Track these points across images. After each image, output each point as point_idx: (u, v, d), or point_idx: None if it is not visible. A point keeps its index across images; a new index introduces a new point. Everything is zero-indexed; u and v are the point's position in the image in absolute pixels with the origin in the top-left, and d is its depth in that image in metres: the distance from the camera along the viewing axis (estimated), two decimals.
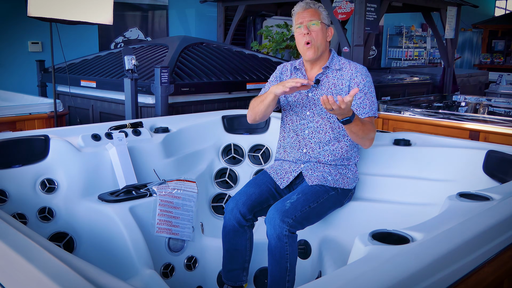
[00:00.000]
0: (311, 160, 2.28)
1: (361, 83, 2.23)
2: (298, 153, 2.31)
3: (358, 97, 2.22)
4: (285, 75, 2.40)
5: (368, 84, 2.25)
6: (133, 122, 2.64)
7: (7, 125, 3.44)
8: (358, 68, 2.27)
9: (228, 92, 4.50)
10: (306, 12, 2.24)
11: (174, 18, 7.36)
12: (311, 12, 2.24)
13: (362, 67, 2.29)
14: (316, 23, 2.21)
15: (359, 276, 1.10)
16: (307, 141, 2.29)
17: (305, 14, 2.24)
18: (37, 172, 2.20)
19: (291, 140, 2.33)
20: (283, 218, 2.02)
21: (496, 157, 2.21)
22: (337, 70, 2.28)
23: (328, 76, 2.29)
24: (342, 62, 2.31)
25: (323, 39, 2.25)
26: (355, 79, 2.24)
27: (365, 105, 2.23)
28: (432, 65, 11.98)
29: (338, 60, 2.31)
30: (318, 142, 2.27)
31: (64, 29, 4.14)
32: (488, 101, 5.41)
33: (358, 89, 2.09)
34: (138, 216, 2.18)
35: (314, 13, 2.24)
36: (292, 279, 2.10)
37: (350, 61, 2.33)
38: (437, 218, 1.50)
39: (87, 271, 1.19)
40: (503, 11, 15.24)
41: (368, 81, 2.26)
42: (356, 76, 2.25)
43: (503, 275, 1.40)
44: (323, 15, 2.25)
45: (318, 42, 2.23)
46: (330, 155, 2.26)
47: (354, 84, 2.23)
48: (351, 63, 2.30)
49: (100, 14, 3.60)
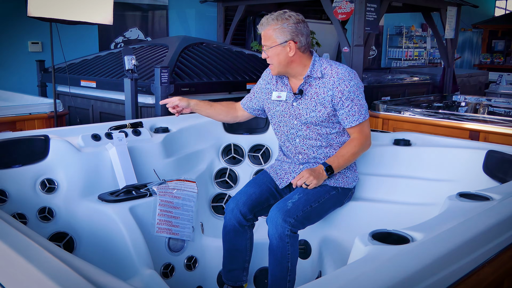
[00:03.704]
0: (309, 161, 2.28)
1: (346, 90, 2.13)
2: (295, 158, 2.31)
3: (346, 105, 2.15)
4: (272, 84, 2.34)
5: (354, 89, 2.14)
6: (133, 122, 2.64)
7: (7, 125, 3.44)
8: (340, 73, 2.15)
9: (228, 92, 4.50)
10: (262, 35, 2.17)
11: (174, 18, 7.36)
12: (264, 35, 2.15)
13: (345, 70, 2.16)
14: (268, 48, 2.14)
15: (359, 276, 1.10)
16: (300, 149, 2.28)
17: (262, 37, 2.19)
18: (37, 172, 2.20)
19: (286, 148, 2.34)
20: (285, 218, 2.03)
21: (496, 157, 2.21)
22: (319, 78, 2.18)
23: (312, 84, 2.20)
24: (324, 67, 2.18)
25: (282, 59, 2.15)
26: (338, 87, 2.14)
27: (354, 112, 2.16)
28: (432, 65, 11.98)
29: (320, 66, 2.19)
30: (311, 147, 2.26)
31: (64, 29, 4.15)
32: (488, 101, 5.41)
33: (296, 183, 2.14)
34: (138, 216, 2.18)
35: (266, 36, 2.14)
36: (292, 279, 2.11)
37: (332, 64, 2.20)
38: (437, 218, 1.50)
39: (87, 271, 1.19)
40: (503, 11, 15.24)
41: (353, 85, 2.15)
42: (339, 84, 2.13)
43: (503, 275, 1.41)
44: (276, 34, 2.11)
45: (276, 64, 2.17)
46: (325, 157, 2.25)
47: (338, 93, 2.14)
48: (333, 68, 2.17)
49: (100, 14, 3.61)
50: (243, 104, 2.49)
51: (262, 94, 2.39)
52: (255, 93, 2.43)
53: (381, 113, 4.37)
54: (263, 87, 2.39)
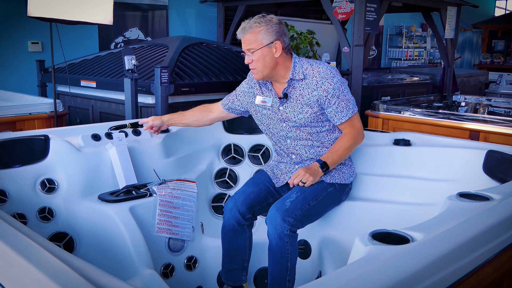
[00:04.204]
0: (303, 161, 2.28)
1: (330, 88, 2.13)
2: (289, 158, 2.32)
3: (333, 102, 2.15)
4: (256, 88, 2.33)
5: (338, 85, 2.14)
6: (133, 122, 2.64)
7: (7, 125, 3.44)
8: (322, 72, 2.15)
9: (228, 92, 4.49)
10: (244, 38, 2.14)
11: (174, 18, 7.36)
12: (248, 38, 2.12)
13: (326, 68, 2.16)
14: (254, 50, 2.12)
15: (359, 276, 1.10)
16: (292, 149, 2.28)
17: (244, 40, 2.14)
18: (37, 172, 2.20)
19: (279, 148, 2.34)
20: (284, 217, 2.03)
21: (496, 157, 2.21)
22: (302, 80, 2.18)
23: (295, 87, 2.19)
24: (305, 68, 2.18)
25: (268, 61, 2.13)
26: (322, 86, 2.13)
27: (342, 108, 2.16)
28: (432, 65, 11.98)
29: (301, 67, 2.18)
30: (303, 147, 2.26)
31: (64, 29, 4.14)
32: (488, 101, 5.41)
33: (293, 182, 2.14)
34: (138, 216, 2.18)
35: (251, 39, 2.11)
36: (292, 279, 2.11)
37: (313, 63, 2.19)
38: (437, 218, 1.50)
39: (87, 271, 1.19)
40: (503, 11, 15.24)
41: (337, 81, 2.14)
42: (323, 83, 2.13)
43: (503, 275, 1.41)
44: (262, 35, 2.10)
45: (261, 67, 2.14)
46: (318, 156, 2.25)
47: (323, 92, 2.13)
48: (314, 67, 2.17)
49: (100, 14, 3.60)
50: (223, 105, 2.49)
51: (245, 97, 2.39)
52: (238, 96, 2.43)
53: (381, 113, 4.36)
54: (246, 90, 2.39)
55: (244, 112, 2.46)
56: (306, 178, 2.13)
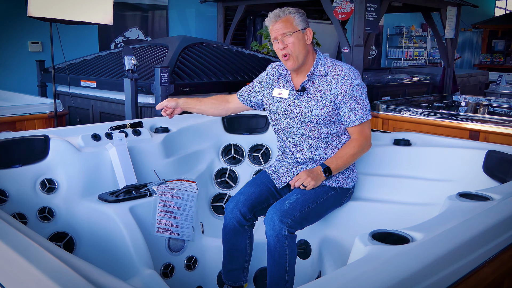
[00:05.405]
0: (307, 162, 2.28)
1: (349, 89, 2.13)
2: (293, 157, 2.31)
3: (349, 103, 2.15)
4: (274, 80, 2.34)
5: (357, 88, 2.15)
6: (133, 122, 2.64)
7: (7, 125, 3.44)
8: (344, 72, 2.15)
9: (228, 92, 4.49)
10: (277, 24, 2.13)
11: (174, 18, 7.36)
12: (283, 23, 2.12)
13: (349, 69, 2.17)
14: (290, 34, 2.12)
15: (359, 276, 1.10)
16: (298, 147, 2.27)
17: (277, 27, 2.13)
18: (37, 172, 2.20)
19: (284, 146, 2.33)
20: (282, 219, 2.02)
21: (496, 157, 2.21)
22: (322, 76, 2.18)
23: (314, 82, 2.20)
24: (328, 66, 2.19)
25: (302, 47, 2.14)
26: (342, 86, 2.14)
27: (357, 111, 2.16)
28: (432, 65, 11.98)
29: (324, 64, 2.19)
30: (309, 147, 2.25)
31: (64, 29, 4.15)
32: (488, 101, 5.41)
33: (294, 184, 2.14)
34: (138, 216, 2.18)
35: (286, 23, 2.12)
36: (291, 279, 2.10)
37: (336, 63, 2.20)
38: (437, 218, 1.50)
39: (87, 271, 1.19)
40: (503, 11, 15.24)
41: (357, 84, 2.15)
42: (343, 82, 2.14)
43: (503, 275, 1.41)
44: (296, 21, 2.13)
45: (296, 52, 2.14)
46: (323, 159, 2.24)
47: (342, 91, 2.14)
48: (337, 66, 2.18)
49: (100, 14, 3.60)
50: (239, 95, 2.48)
51: (262, 89, 2.39)
52: (255, 86, 2.43)
53: (381, 113, 4.37)
54: (264, 81, 2.39)
55: (259, 105, 2.45)
56: (308, 182, 2.12)
